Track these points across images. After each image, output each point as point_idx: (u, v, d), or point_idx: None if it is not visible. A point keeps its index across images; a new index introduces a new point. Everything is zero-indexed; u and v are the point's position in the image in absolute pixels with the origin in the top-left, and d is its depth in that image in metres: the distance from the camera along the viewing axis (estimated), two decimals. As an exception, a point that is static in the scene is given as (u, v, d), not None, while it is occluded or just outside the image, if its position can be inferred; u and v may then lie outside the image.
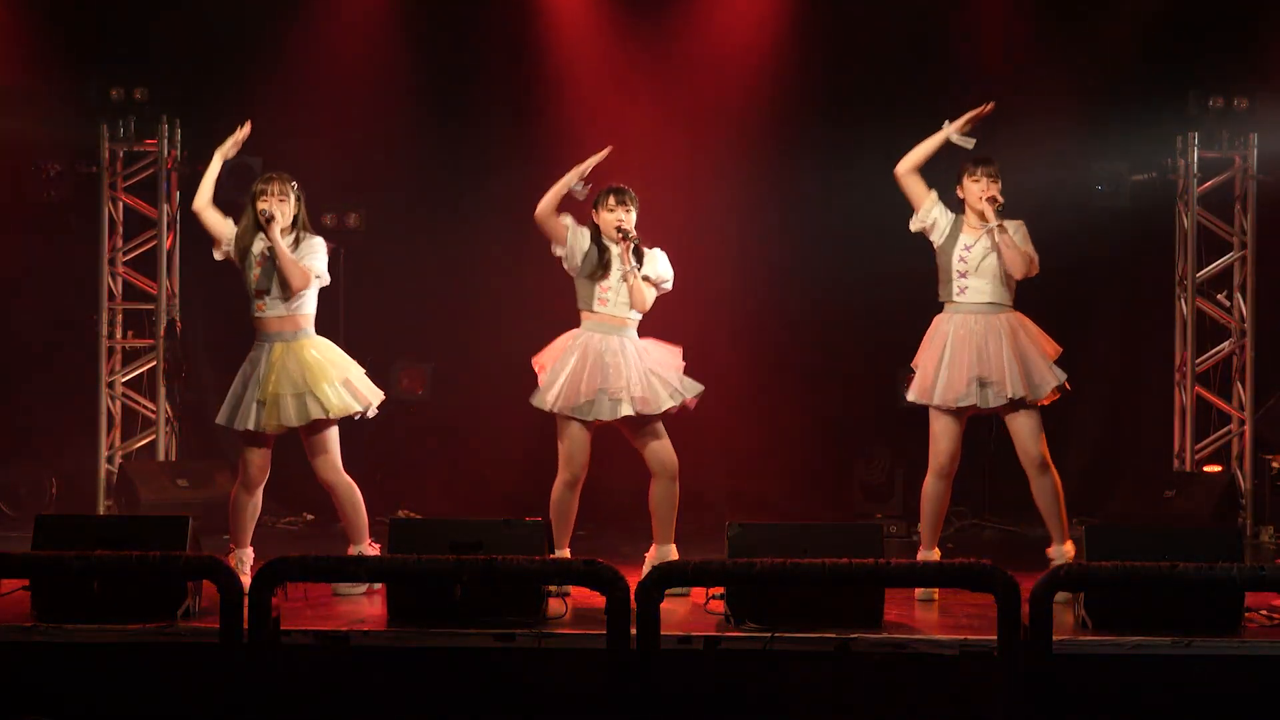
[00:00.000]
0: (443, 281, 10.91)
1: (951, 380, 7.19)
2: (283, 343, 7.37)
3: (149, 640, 5.98)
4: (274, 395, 7.27)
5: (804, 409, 10.85)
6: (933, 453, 7.31)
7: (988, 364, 7.16)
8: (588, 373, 7.40)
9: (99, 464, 10.79)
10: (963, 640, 5.94)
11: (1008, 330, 7.22)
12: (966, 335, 7.23)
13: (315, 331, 7.47)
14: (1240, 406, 10.54)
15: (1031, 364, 7.17)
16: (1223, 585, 5.26)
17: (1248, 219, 10.54)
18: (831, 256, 10.81)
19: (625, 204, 7.48)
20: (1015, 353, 7.17)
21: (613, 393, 7.37)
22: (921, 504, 7.37)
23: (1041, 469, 7.21)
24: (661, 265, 7.53)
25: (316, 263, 7.40)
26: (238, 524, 7.41)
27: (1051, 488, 7.23)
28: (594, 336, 7.47)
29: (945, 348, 7.25)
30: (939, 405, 7.23)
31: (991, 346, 7.19)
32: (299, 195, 7.44)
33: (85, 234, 10.89)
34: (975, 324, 7.24)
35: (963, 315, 7.27)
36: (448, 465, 10.87)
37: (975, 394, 7.18)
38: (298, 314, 7.39)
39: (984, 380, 7.16)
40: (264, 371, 7.33)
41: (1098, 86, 10.60)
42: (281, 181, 7.41)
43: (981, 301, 7.25)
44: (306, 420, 7.26)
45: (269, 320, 7.39)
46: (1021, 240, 7.27)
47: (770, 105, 10.83)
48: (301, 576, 5.88)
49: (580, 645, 5.95)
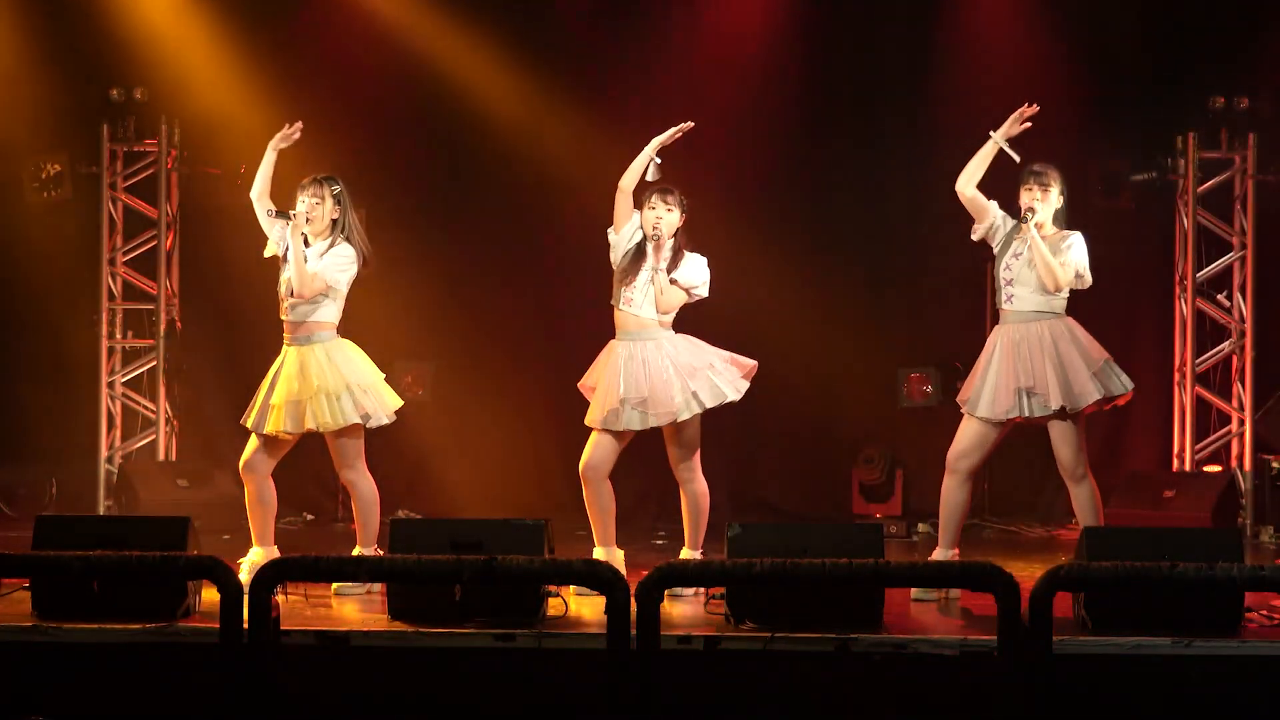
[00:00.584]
0: (443, 281, 10.91)
1: (998, 394, 7.14)
2: (298, 346, 7.36)
3: (149, 640, 5.98)
4: (277, 401, 7.28)
5: (804, 409, 10.85)
6: (955, 453, 7.24)
7: (1030, 374, 7.10)
8: (618, 383, 7.36)
9: (99, 464, 10.80)
10: (963, 640, 5.94)
11: (1049, 339, 7.11)
12: (1011, 347, 7.16)
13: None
14: (1240, 407, 10.54)
15: (1074, 374, 7.07)
16: (1223, 585, 5.25)
17: (1248, 219, 10.54)
18: (831, 256, 10.81)
19: (666, 203, 7.39)
20: (1056, 362, 7.08)
21: (634, 403, 7.33)
22: (941, 503, 7.32)
23: (1077, 479, 7.14)
24: (692, 270, 7.41)
25: (330, 273, 7.31)
26: (251, 521, 7.40)
27: (1087, 498, 7.12)
28: (621, 346, 7.43)
29: (992, 359, 7.20)
30: (985, 418, 7.19)
31: (1035, 356, 7.11)
32: (338, 199, 7.37)
33: (85, 234, 10.89)
34: (1018, 334, 7.16)
35: (1010, 325, 7.20)
36: (448, 465, 10.87)
37: (1022, 404, 7.10)
38: (312, 320, 7.35)
39: (1030, 390, 7.10)
40: (277, 375, 7.34)
41: (1098, 86, 10.60)
42: (319, 184, 7.35)
43: (1025, 310, 7.17)
44: (300, 429, 7.26)
45: (289, 323, 7.38)
46: (1065, 252, 7.14)
47: (770, 103, 10.83)
48: (301, 576, 5.90)
49: (580, 645, 5.95)
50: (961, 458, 7.23)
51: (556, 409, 10.64)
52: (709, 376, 7.37)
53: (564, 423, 10.26)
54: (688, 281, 7.39)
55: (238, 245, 11.06)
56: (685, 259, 7.42)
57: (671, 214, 7.40)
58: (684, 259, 7.41)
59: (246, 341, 10.88)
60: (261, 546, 7.35)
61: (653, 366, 7.34)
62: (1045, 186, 7.19)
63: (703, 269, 7.44)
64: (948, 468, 7.24)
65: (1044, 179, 7.21)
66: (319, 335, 7.37)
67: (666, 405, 7.28)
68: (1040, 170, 7.23)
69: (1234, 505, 10.30)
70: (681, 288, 7.38)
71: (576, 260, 10.82)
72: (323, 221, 7.36)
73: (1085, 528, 6.67)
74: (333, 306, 7.39)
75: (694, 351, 7.43)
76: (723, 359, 7.47)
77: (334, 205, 7.37)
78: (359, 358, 7.45)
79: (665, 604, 5.23)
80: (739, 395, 7.42)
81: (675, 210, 7.41)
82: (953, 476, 7.23)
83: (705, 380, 7.36)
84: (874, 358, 10.67)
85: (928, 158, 10.59)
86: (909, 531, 10.17)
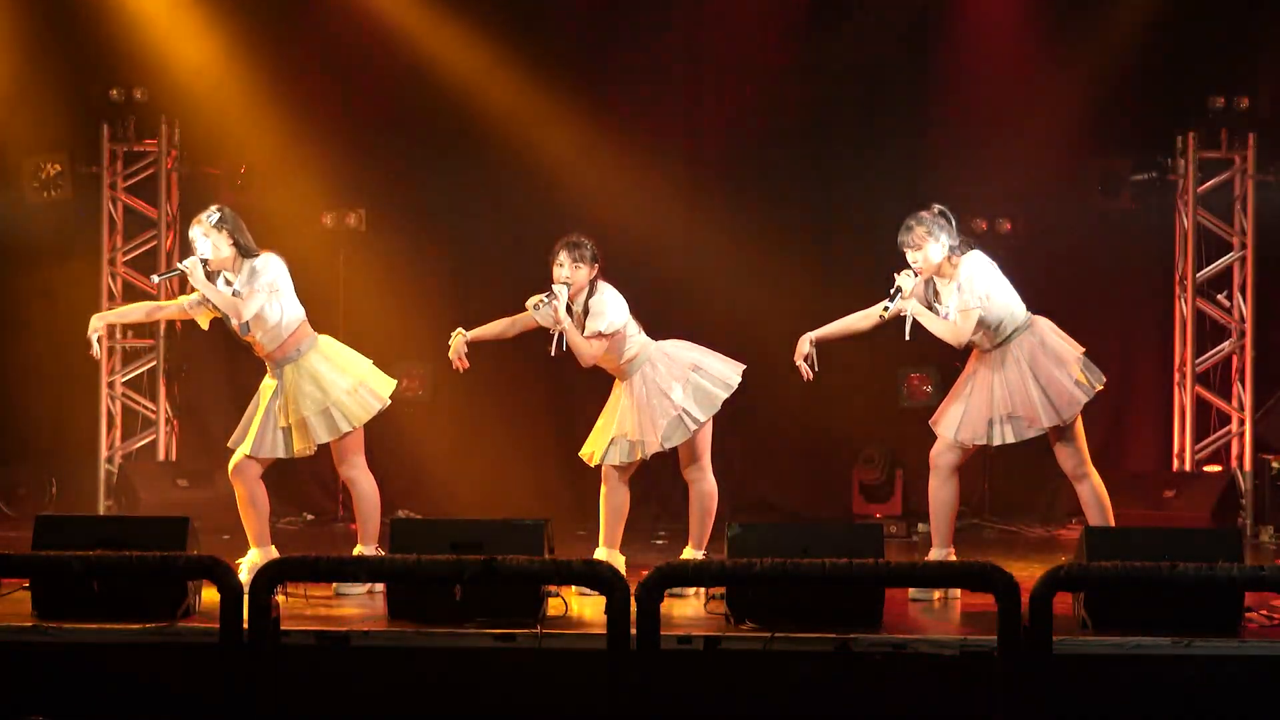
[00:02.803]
0: (443, 281, 10.91)
1: (966, 421, 7.11)
2: (291, 364, 7.30)
3: (149, 640, 5.98)
4: (299, 420, 7.21)
5: (804, 409, 10.84)
6: (935, 450, 7.23)
7: (1009, 401, 7.05)
8: (612, 421, 7.41)
9: (99, 464, 10.80)
10: (963, 640, 5.93)
11: (1026, 359, 7.04)
12: (988, 376, 7.11)
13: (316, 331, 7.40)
14: (1240, 407, 10.55)
15: (1056, 388, 7.02)
16: (1223, 585, 5.26)
17: (1248, 219, 10.55)
18: (831, 256, 10.81)
19: (559, 260, 7.31)
20: (1035, 381, 7.02)
21: (619, 437, 7.36)
22: (929, 503, 7.32)
23: (1080, 477, 7.12)
24: (595, 318, 7.29)
25: (262, 292, 7.10)
26: (245, 524, 7.39)
27: (1091, 495, 7.10)
28: (617, 385, 7.45)
29: (969, 387, 7.17)
30: (957, 442, 7.16)
31: (1014, 381, 7.05)
32: (225, 224, 7.12)
33: (85, 234, 10.89)
34: (995, 359, 7.10)
35: (985, 355, 7.16)
36: (448, 465, 10.87)
37: (991, 433, 7.05)
38: (285, 334, 7.26)
39: (1008, 416, 7.05)
40: (283, 398, 7.26)
41: (1098, 86, 10.60)
42: (200, 222, 7.16)
43: (989, 346, 7.12)
44: (337, 435, 7.22)
45: (269, 352, 7.31)
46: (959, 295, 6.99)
47: (769, 105, 10.83)
48: (301, 576, 5.90)
49: (580, 645, 5.95)
50: (942, 454, 7.21)
51: (556, 410, 10.67)
52: (697, 380, 7.35)
53: (564, 424, 10.30)
54: (595, 329, 7.29)
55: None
56: (590, 306, 7.32)
57: (580, 271, 7.30)
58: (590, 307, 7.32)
59: (246, 341, 10.90)
60: (259, 547, 7.34)
61: (638, 399, 7.35)
62: (915, 245, 7.01)
63: (602, 309, 7.29)
64: (931, 465, 7.24)
65: (910, 239, 7.01)
66: (300, 347, 7.29)
67: (650, 436, 7.30)
68: (902, 236, 7.04)
69: (1234, 505, 10.30)
70: (592, 337, 7.28)
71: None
72: (222, 251, 7.15)
73: (1085, 528, 6.66)
74: (287, 311, 7.23)
75: (672, 363, 7.38)
76: (709, 356, 7.44)
77: (222, 235, 7.14)
78: (340, 359, 7.36)
79: (665, 603, 5.22)
80: (730, 390, 7.38)
81: (582, 268, 7.30)
82: (936, 474, 7.22)
83: (692, 391, 7.33)
84: (874, 358, 10.66)
85: (929, 157, 10.61)
86: (909, 531, 10.17)
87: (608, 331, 7.29)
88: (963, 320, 6.98)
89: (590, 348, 7.28)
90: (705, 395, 7.36)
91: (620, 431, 7.35)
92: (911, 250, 7.03)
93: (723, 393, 7.39)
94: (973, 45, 10.67)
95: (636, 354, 7.39)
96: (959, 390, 7.23)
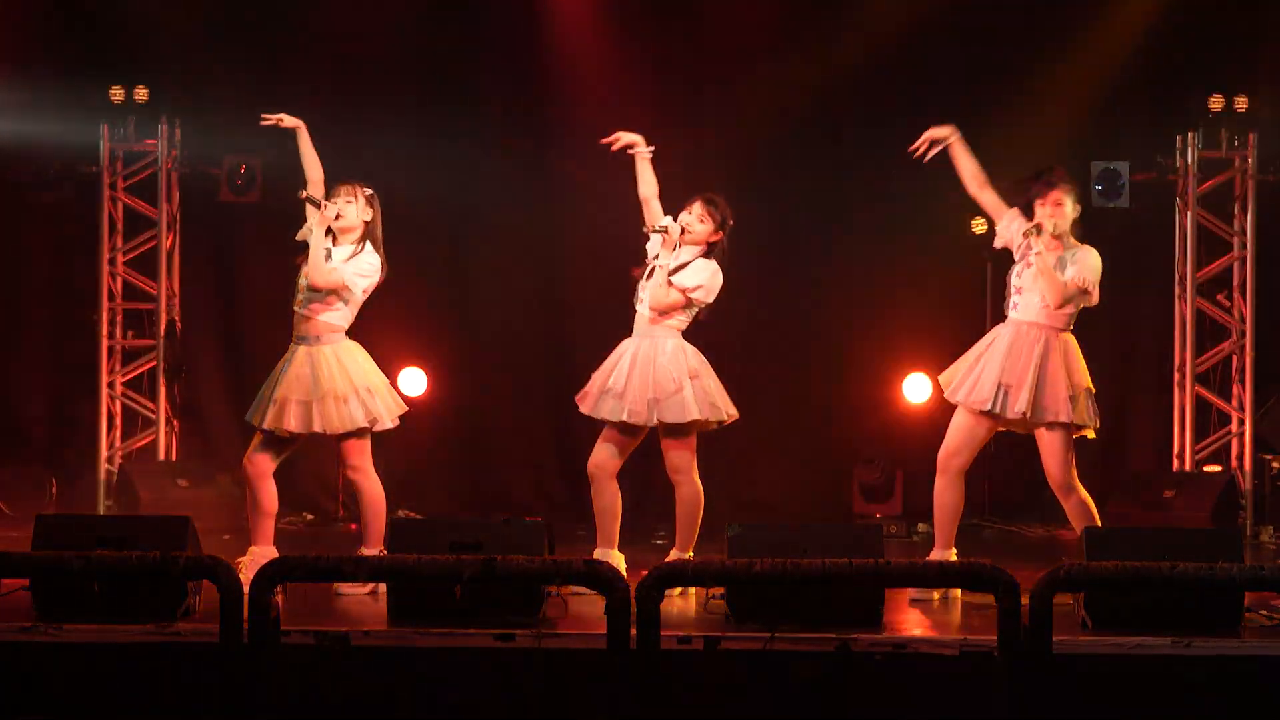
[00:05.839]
0: (443, 282, 10.91)
1: (979, 384, 7.09)
2: (305, 346, 7.35)
3: (149, 640, 5.98)
4: (283, 398, 7.26)
5: (804, 409, 10.85)
6: (945, 453, 7.19)
7: (1013, 373, 7.04)
8: (609, 372, 7.39)
9: (99, 464, 10.79)
10: (963, 640, 5.94)
11: (1042, 349, 7.03)
12: (1006, 344, 7.09)
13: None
14: (1240, 406, 10.54)
15: (1050, 389, 7.01)
16: (1223, 585, 5.27)
17: (1248, 219, 10.55)
18: (831, 256, 10.81)
19: (697, 212, 7.35)
20: (1037, 370, 7.01)
21: (614, 393, 7.34)
22: (934, 504, 7.30)
23: (1066, 492, 7.06)
24: (691, 274, 7.34)
25: (349, 275, 7.29)
26: (250, 519, 7.39)
27: (1078, 510, 7.03)
28: (627, 341, 7.43)
29: (986, 351, 7.15)
30: (961, 403, 7.14)
31: (1022, 359, 7.04)
32: (369, 205, 7.37)
33: (85, 234, 10.89)
34: (1017, 334, 7.09)
35: (1011, 326, 7.14)
36: (448, 465, 10.87)
37: (997, 400, 7.02)
38: (322, 320, 7.33)
39: (1008, 389, 7.04)
40: (283, 372, 7.32)
41: (1098, 86, 10.60)
42: (353, 186, 7.37)
43: (1028, 319, 7.09)
44: (308, 430, 7.25)
45: (299, 319, 7.37)
46: (1071, 267, 7.05)
47: (767, 105, 10.82)
48: (301, 576, 5.90)
49: (580, 645, 5.95)
50: (952, 456, 7.19)
51: (556, 409, 10.66)
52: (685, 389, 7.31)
53: (563, 423, 10.30)
54: (682, 283, 7.32)
55: (238, 245, 11.13)
56: (693, 264, 7.36)
57: (704, 225, 7.35)
58: (693, 265, 7.35)
59: (247, 341, 10.90)
60: (260, 546, 7.34)
61: (640, 365, 7.33)
62: (1059, 202, 7.08)
63: (702, 273, 7.34)
64: (939, 468, 7.22)
65: (1059, 191, 7.10)
66: (328, 337, 7.36)
67: (635, 405, 7.28)
68: (1055, 182, 7.13)
69: (1234, 505, 10.29)
70: (676, 288, 7.32)
71: (577, 261, 10.84)
72: (352, 220, 7.34)
73: (1086, 528, 6.66)
74: (345, 310, 7.37)
75: (677, 364, 7.35)
76: (709, 379, 7.41)
77: (365, 206, 7.37)
78: (366, 361, 7.43)
79: (665, 603, 5.22)
80: (699, 415, 7.31)
81: (707, 223, 7.36)
82: (943, 476, 7.21)
83: (677, 398, 7.29)
84: (875, 358, 10.67)
85: (929, 158, 10.58)
86: (909, 531, 10.17)
87: (690, 292, 7.31)
88: (1076, 292, 7.02)
89: (666, 296, 7.30)
90: (681, 407, 7.33)
91: (616, 388, 7.31)
92: (1053, 205, 7.06)
93: (692, 414, 7.29)
94: (973, 46, 10.65)
95: (682, 330, 7.41)
96: (970, 357, 7.20)
